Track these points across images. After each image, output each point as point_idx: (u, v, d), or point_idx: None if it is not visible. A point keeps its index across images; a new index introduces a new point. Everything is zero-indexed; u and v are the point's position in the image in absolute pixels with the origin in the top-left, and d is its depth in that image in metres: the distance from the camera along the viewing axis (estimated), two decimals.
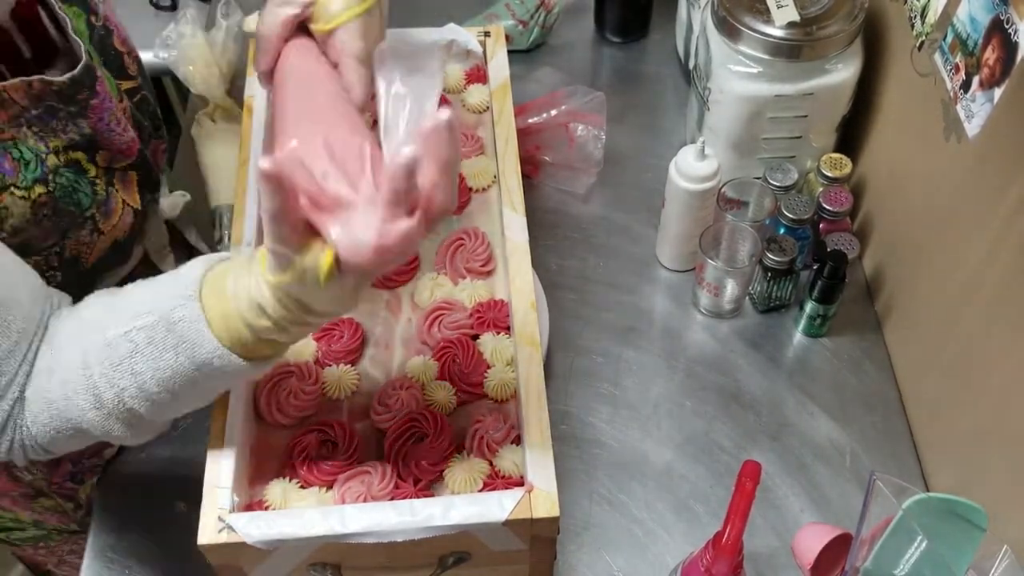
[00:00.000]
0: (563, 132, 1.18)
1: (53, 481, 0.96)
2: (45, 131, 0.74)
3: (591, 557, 0.94)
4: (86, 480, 0.99)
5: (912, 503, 0.77)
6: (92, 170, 0.78)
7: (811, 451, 1.00)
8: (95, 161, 0.79)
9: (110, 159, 0.81)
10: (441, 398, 0.79)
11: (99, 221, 0.80)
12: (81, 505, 1.01)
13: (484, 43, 1.01)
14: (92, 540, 0.95)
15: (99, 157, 0.79)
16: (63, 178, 0.75)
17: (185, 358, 0.64)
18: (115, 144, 0.81)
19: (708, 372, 1.06)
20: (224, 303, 0.63)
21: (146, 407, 0.67)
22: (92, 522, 0.96)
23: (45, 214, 0.74)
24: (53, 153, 0.75)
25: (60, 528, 1.04)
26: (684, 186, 1.03)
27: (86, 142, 0.78)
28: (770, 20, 1.02)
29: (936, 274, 0.96)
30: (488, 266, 0.88)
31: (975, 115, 0.85)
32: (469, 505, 0.69)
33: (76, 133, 0.76)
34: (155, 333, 0.64)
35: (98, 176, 0.79)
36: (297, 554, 0.72)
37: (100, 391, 0.66)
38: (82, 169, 0.77)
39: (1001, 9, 0.79)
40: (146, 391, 0.65)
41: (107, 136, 0.79)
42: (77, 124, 0.76)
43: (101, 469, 0.99)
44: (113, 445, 0.98)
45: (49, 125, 0.74)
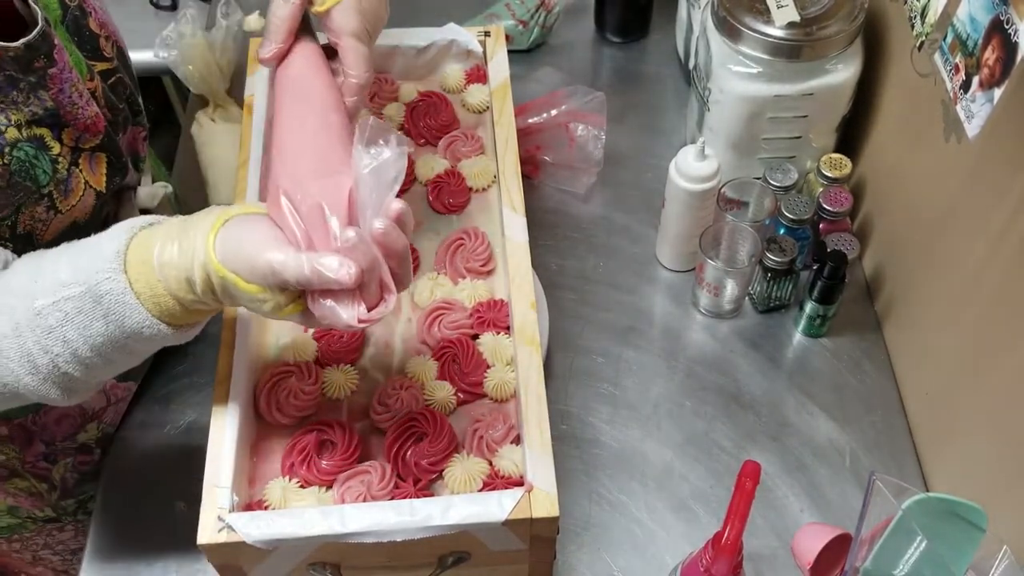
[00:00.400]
0: (563, 132, 1.18)
1: (26, 460, 0.96)
2: (6, 103, 0.74)
3: (591, 557, 0.94)
4: (59, 460, 0.99)
5: (912, 503, 0.77)
6: (56, 148, 0.78)
7: (811, 451, 1.00)
8: (60, 139, 0.79)
9: (76, 137, 0.80)
10: (441, 398, 0.79)
11: (56, 199, 0.79)
12: (55, 486, 1.01)
13: (484, 43, 1.01)
14: (92, 540, 0.95)
15: (65, 135, 0.79)
16: (21, 152, 0.75)
17: (115, 327, 0.65)
18: (79, 119, 0.80)
19: (708, 372, 1.06)
20: (150, 274, 0.64)
21: (80, 371, 0.68)
22: (92, 522, 0.96)
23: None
24: (15, 127, 0.74)
25: (34, 516, 1.04)
26: (684, 186, 1.03)
27: (50, 117, 0.77)
28: (770, 20, 1.02)
29: (936, 274, 0.96)
30: (488, 266, 0.88)
31: (975, 115, 0.85)
32: (469, 505, 0.69)
33: (38, 107, 0.76)
34: (83, 303, 0.65)
35: (61, 155, 0.78)
36: (297, 554, 0.72)
37: (34, 357, 0.67)
38: (45, 146, 0.77)
39: (1001, 9, 0.79)
40: (79, 357, 0.67)
41: (70, 110, 0.79)
42: (38, 96, 0.76)
43: (75, 451, 0.99)
44: (88, 429, 0.98)
45: (9, 96, 0.74)
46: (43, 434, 0.94)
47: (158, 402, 1.04)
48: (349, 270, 0.60)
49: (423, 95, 1.00)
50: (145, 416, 1.03)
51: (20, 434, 0.93)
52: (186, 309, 0.65)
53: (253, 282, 0.63)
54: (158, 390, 1.04)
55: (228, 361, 0.77)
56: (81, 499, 1.05)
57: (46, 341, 0.66)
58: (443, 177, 0.94)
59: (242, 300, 0.65)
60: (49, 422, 0.93)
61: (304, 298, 0.64)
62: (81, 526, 1.09)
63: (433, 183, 0.93)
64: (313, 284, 0.61)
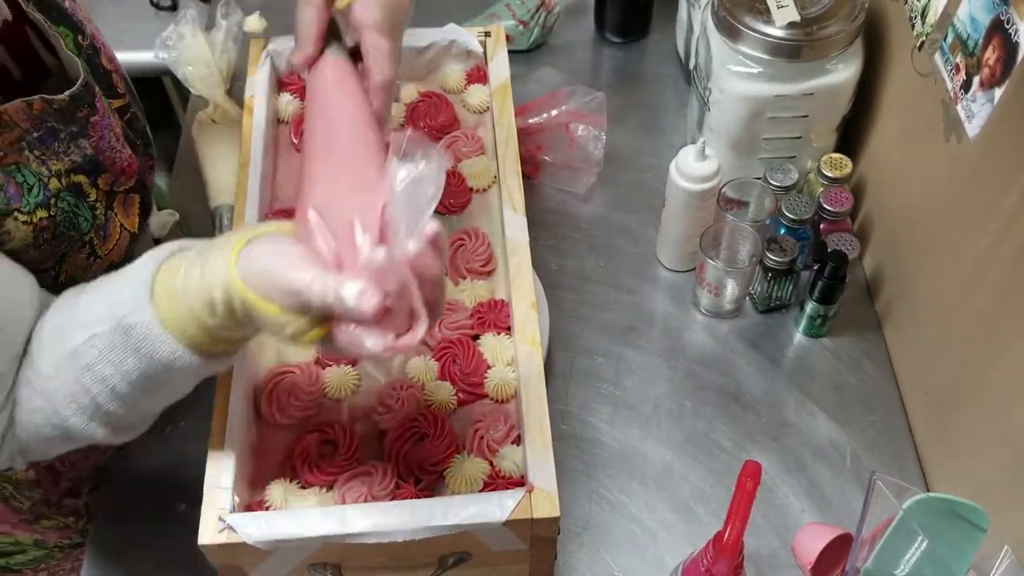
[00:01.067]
0: (563, 132, 1.18)
1: (52, 501, 0.96)
2: (47, 154, 0.73)
3: (591, 557, 0.94)
4: (83, 490, 0.99)
5: (912, 503, 0.77)
6: (93, 194, 0.78)
7: (811, 451, 1.00)
8: (96, 184, 0.78)
9: (112, 182, 0.80)
10: (442, 398, 0.79)
11: (97, 246, 0.79)
12: (82, 515, 1.01)
13: (484, 43, 1.01)
14: (92, 541, 0.95)
15: (101, 181, 0.78)
16: (64, 202, 0.74)
17: (146, 360, 0.64)
18: (116, 163, 0.80)
19: (708, 372, 1.06)
20: (175, 302, 0.62)
21: (122, 408, 0.67)
22: (92, 523, 0.96)
23: (45, 239, 0.74)
24: (55, 177, 0.74)
25: (61, 544, 1.03)
26: (684, 186, 1.03)
27: (88, 164, 0.77)
28: (770, 20, 1.02)
29: (936, 274, 0.96)
30: (488, 266, 0.88)
31: (975, 115, 0.85)
32: (469, 505, 0.69)
33: (78, 155, 0.76)
34: (114, 338, 0.63)
35: (98, 200, 0.78)
36: (297, 554, 0.72)
37: (76, 397, 0.66)
38: (83, 193, 0.77)
39: (1001, 9, 0.79)
40: (118, 393, 0.66)
41: (109, 155, 0.79)
42: (79, 145, 0.76)
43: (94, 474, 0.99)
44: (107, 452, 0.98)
45: (51, 148, 0.73)
46: (70, 472, 0.94)
47: None
48: (371, 300, 0.55)
49: (423, 95, 1.00)
50: None
51: (47, 477, 0.93)
52: (212, 337, 0.62)
53: (275, 303, 0.59)
54: None
55: None
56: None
57: (85, 379, 0.65)
58: None
59: (263, 323, 0.60)
60: (77, 459, 0.93)
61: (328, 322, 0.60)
62: None
63: None
64: (336, 310, 0.57)
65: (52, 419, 0.68)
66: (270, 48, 0.99)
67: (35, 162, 0.72)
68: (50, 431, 0.68)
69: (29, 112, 0.71)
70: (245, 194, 0.88)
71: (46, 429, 0.68)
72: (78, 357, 0.65)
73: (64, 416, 0.67)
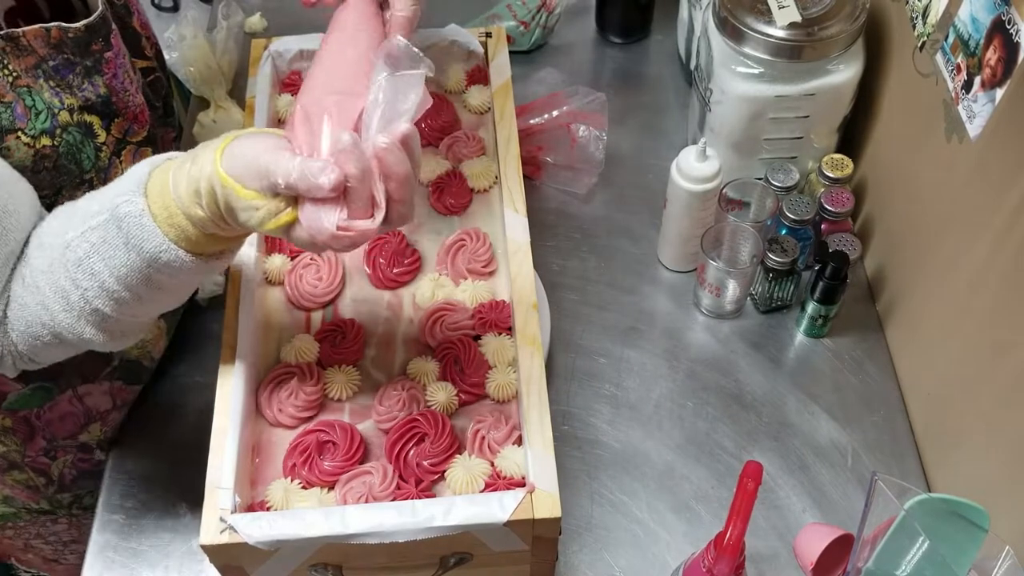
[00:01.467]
0: (564, 133, 1.18)
1: (27, 454, 0.96)
2: (61, 86, 0.76)
3: (592, 557, 0.94)
4: (59, 457, 0.99)
5: (914, 503, 0.77)
6: (102, 136, 0.80)
7: (813, 451, 1.00)
8: (109, 129, 0.80)
9: (125, 130, 0.82)
10: (442, 399, 0.79)
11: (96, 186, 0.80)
12: (53, 481, 1.01)
13: (486, 44, 1.01)
14: (93, 539, 0.95)
15: (114, 126, 0.81)
16: (71, 136, 0.77)
17: (135, 254, 0.66)
18: (129, 108, 0.82)
19: (709, 373, 1.06)
20: (166, 195, 0.65)
21: (111, 307, 0.68)
22: (94, 521, 0.97)
23: (45, 166, 0.76)
24: (67, 110, 0.76)
25: (29, 507, 1.04)
26: (685, 187, 1.03)
27: (102, 105, 0.79)
28: (771, 21, 1.02)
29: (938, 274, 0.96)
30: (489, 267, 0.88)
31: (977, 115, 0.85)
32: (470, 506, 0.69)
33: (92, 92, 0.78)
34: (107, 232, 0.66)
35: (106, 143, 0.80)
36: (298, 555, 0.72)
37: (67, 293, 0.68)
38: (92, 133, 0.79)
39: (1003, 9, 0.79)
40: (107, 289, 0.67)
41: (122, 98, 0.81)
42: (92, 82, 0.78)
43: (76, 449, 0.99)
44: (91, 430, 0.98)
45: (66, 80, 0.76)
46: (46, 431, 0.94)
47: (160, 403, 1.04)
48: (330, 175, 0.59)
49: None
50: (147, 417, 1.03)
51: (23, 427, 0.93)
52: (200, 232, 0.65)
53: (251, 188, 0.62)
54: (160, 390, 1.04)
55: (230, 362, 0.77)
56: (77, 494, 1.05)
57: (75, 274, 0.67)
58: (444, 178, 0.94)
59: (239, 210, 0.63)
60: (53, 419, 0.94)
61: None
62: (75, 520, 1.10)
63: (434, 184, 0.93)
64: (299, 188, 0.61)
65: (42, 316, 0.69)
66: (271, 49, 0.99)
67: (48, 92, 0.75)
68: (39, 329, 0.70)
69: (47, 39, 0.74)
70: None
71: (35, 327, 0.70)
72: (70, 251, 0.67)
73: (53, 312, 0.69)
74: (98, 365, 0.93)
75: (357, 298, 0.87)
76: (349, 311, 0.86)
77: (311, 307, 0.86)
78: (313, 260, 0.87)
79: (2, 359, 0.73)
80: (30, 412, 0.92)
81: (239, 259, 0.84)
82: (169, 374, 1.05)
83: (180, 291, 0.73)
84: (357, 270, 0.89)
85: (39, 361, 0.75)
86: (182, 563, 0.94)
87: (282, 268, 0.87)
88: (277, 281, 0.87)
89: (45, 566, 1.19)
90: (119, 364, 0.95)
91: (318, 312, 0.86)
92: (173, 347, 1.06)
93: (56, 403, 0.92)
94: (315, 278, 0.86)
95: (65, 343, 0.72)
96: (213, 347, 0.79)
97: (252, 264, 0.84)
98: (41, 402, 0.91)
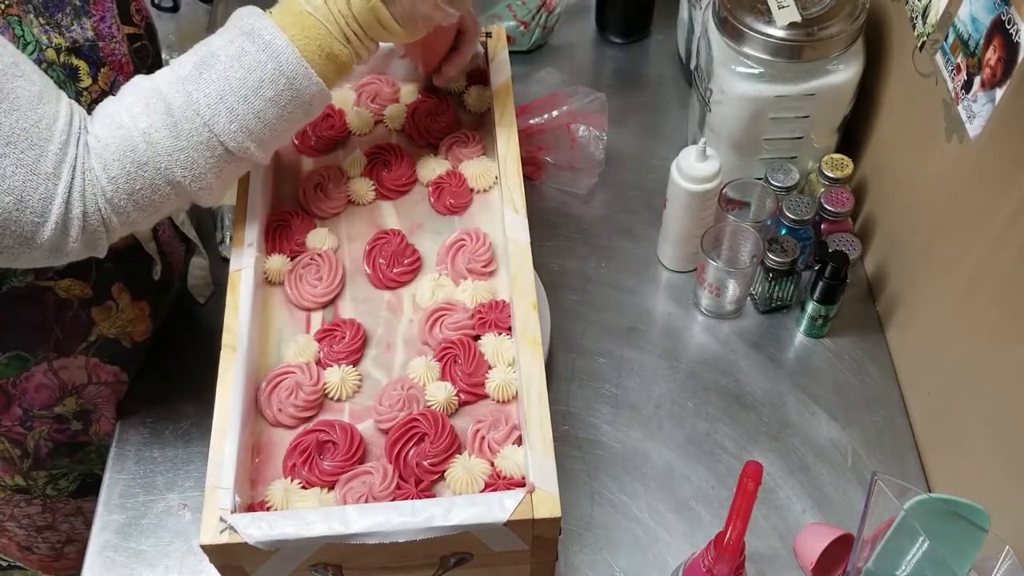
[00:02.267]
0: (564, 133, 1.18)
1: (3, 424, 0.96)
2: (50, 24, 0.76)
3: (592, 558, 0.94)
4: (35, 428, 0.98)
5: (914, 503, 0.77)
6: (87, 82, 0.80)
7: (813, 451, 1.00)
8: (96, 79, 0.80)
9: (112, 81, 0.82)
10: (442, 399, 0.79)
11: None
12: (28, 453, 1.01)
13: (486, 44, 1.01)
14: (93, 539, 0.95)
15: (101, 76, 0.81)
16: (55, 74, 0.77)
17: (258, 50, 0.74)
18: (116, 56, 0.82)
19: (709, 373, 1.06)
20: (292, 6, 0.76)
21: (225, 116, 0.74)
22: (94, 521, 0.97)
23: None
24: (54, 49, 0.76)
25: (4, 482, 1.04)
26: (685, 187, 1.03)
27: (89, 49, 0.79)
28: (771, 21, 1.02)
29: (938, 274, 0.96)
30: (490, 267, 0.88)
31: (976, 115, 0.85)
32: (470, 506, 0.69)
33: (79, 34, 0.78)
34: (234, 42, 0.75)
35: (89, 90, 0.80)
36: (298, 555, 0.72)
37: (168, 97, 0.74)
38: (77, 77, 0.79)
39: (1002, 9, 0.79)
40: (216, 91, 0.74)
41: (109, 44, 0.81)
42: (81, 24, 0.78)
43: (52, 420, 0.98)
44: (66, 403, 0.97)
45: (55, 18, 0.76)
46: (22, 400, 0.94)
47: (160, 403, 1.04)
48: None
49: (425, 96, 1.00)
50: (147, 417, 1.03)
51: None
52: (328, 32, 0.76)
53: None
54: (160, 391, 1.04)
55: (230, 362, 0.78)
56: (53, 473, 1.05)
57: (185, 86, 0.74)
58: (444, 178, 0.94)
59: None
60: (29, 388, 0.93)
61: None
62: (49, 503, 1.09)
63: (434, 184, 0.93)
64: None
65: (135, 124, 0.73)
66: None
67: (37, 28, 0.75)
68: (128, 151, 0.73)
69: None
70: (246, 194, 0.88)
71: (125, 149, 0.73)
72: (181, 65, 0.75)
73: (154, 114, 0.73)
74: (75, 339, 0.93)
75: (357, 298, 0.87)
76: (349, 311, 0.86)
77: (311, 307, 0.86)
78: (313, 260, 0.87)
79: (91, 228, 0.74)
80: (6, 381, 0.92)
81: (239, 259, 0.84)
82: (168, 373, 1.05)
83: (292, 113, 0.78)
84: (357, 270, 0.89)
85: (130, 213, 0.76)
86: (182, 563, 0.94)
87: (282, 268, 0.87)
88: (277, 281, 0.87)
89: (19, 553, 1.18)
90: (96, 340, 0.95)
91: (318, 312, 0.86)
92: (172, 346, 1.06)
93: (32, 374, 0.92)
94: (315, 278, 0.86)
95: (161, 180, 0.75)
96: (212, 347, 0.79)
97: (252, 264, 0.84)
98: (17, 371, 0.91)
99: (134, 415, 1.03)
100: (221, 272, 1.10)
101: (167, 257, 1.02)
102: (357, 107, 1.00)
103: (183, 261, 1.09)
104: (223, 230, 1.14)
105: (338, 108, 0.99)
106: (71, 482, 1.07)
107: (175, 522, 0.96)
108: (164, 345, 1.06)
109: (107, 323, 0.95)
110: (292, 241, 0.89)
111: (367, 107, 1.00)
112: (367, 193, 0.93)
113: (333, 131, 0.97)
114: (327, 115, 0.98)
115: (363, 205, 0.93)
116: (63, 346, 0.93)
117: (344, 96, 1.00)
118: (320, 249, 0.88)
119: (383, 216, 0.93)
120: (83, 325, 0.93)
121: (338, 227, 0.91)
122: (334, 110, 0.99)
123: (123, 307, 0.96)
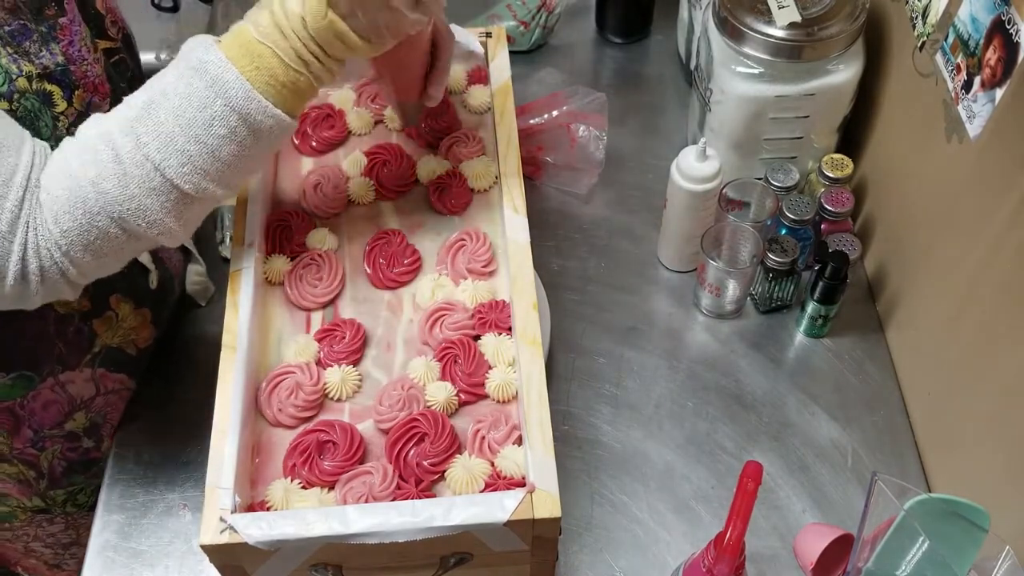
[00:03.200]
0: (564, 133, 1.18)
1: (14, 447, 0.96)
2: (19, 52, 0.75)
3: (592, 558, 0.94)
4: (47, 448, 0.98)
5: (914, 503, 0.77)
6: (62, 106, 0.79)
7: (813, 451, 1.00)
8: (71, 101, 0.79)
9: (87, 102, 0.81)
10: (442, 399, 0.79)
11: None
12: (43, 474, 1.01)
13: (486, 44, 1.01)
14: (93, 539, 0.95)
15: (76, 98, 0.80)
16: (28, 102, 0.76)
17: (206, 86, 0.70)
18: (88, 78, 0.81)
19: (709, 373, 1.06)
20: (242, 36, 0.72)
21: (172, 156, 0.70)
22: (94, 521, 0.97)
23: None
24: (25, 78, 0.76)
25: (24, 505, 1.04)
26: (685, 187, 1.03)
27: (60, 74, 0.78)
28: (771, 21, 1.02)
29: (938, 274, 0.96)
30: (490, 267, 0.88)
31: (976, 115, 0.85)
32: (470, 506, 0.69)
33: (49, 60, 0.77)
34: (182, 78, 0.71)
35: (65, 114, 0.79)
36: (299, 555, 0.72)
37: (116, 143, 0.70)
38: (51, 103, 0.78)
39: (1002, 9, 0.79)
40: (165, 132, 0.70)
41: (80, 67, 0.80)
42: (50, 49, 0.77)
43: (63, 439, 0.99)
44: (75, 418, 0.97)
45: (23, 47, 0.75)
46: (31, 420, 0.94)
47: (160, 403, 1.04)
48: None
49: None
50: (147, 417, 1.03)
51: (8, 419, 0.93)
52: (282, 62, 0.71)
53: None
54: (160, 391, 1.05)
55: (230, 362, 0.78)
56: (70, 490, 1.05)
57: (132, 127, 0.70)
58: (444, 178, 0.94)
59: None
60: (36, 408, 0.93)
61: None
62: (71, 519, 1.09)
63: (434, 184, 0.93)
64: None
65: (85, 173, 0.70)
66: None
67: (6, 58, 0.74)
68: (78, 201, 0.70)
69: (2, 3, 0.74)
70: (246, 195, 0.88)
71: (75, 198, 0.70)
72: (129, 107, 0.72)
73: (102, 162, 0.70)
74: (78, 352, 0.93)
75: (357, 298, 0.87)
76: (349, 311, 0.86)
77: (311, 307, 0.86)
78: (313, 260, 0.87)
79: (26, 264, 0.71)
80: (13, 403, 0.92)
81: (239, 259, 0.84)
82: (168, 374, 1.05)
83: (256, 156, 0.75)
84: (357, 270, 0.89)
85: (84, 266, 0.73)
86: (182, 563, 0.94)
87: (282, 268, 0.87)
88: (277, 281, 0.87)
89: (49, 572, 1.19)
90: (100, 351, 0.95)
91: (318, 312, 0.86)
92: (171, 346, 1.06)
93: (38, 392, 0.92)
94: (315, 278, 0.86)
95: (118, 235, 0.72)
96: (212, 347, 0.79)
97: (252, 264, 0.84)
98: (24, 391, 0.91)
99: (134, 415, 1.03)
100: (221, 273, 1.10)
101: (165, 263, 1.02)
102: (357, 107, 1.00)
103: (182, 266, 1.09)
104: (223, 230, 1.14)
105: (338, 108, 0.99)
106: (89, 496, 1.07)
107: (175, 522, 0.96)
108: (165, 348, 1.07)
109: (109, 333, 0.95)
110: (292, 241, 0.89)
111: (367, 107, 1.00)
112: (367, 193, 0.93)
113: (333, 131, 0.97)
114: (327, 115, 0.98)
115: (363, 205, 0.93)
116: (67, 360, 0.93)
117: (344, 96, 1.01)
118: (320, 249, 0.88)
119: (383, 216, 0.93)
120: (85, 338, 0.93)
121: (338, 227, 0.91)
122: (334, 110, 0.99)
123: (124, 316, 0.96)
